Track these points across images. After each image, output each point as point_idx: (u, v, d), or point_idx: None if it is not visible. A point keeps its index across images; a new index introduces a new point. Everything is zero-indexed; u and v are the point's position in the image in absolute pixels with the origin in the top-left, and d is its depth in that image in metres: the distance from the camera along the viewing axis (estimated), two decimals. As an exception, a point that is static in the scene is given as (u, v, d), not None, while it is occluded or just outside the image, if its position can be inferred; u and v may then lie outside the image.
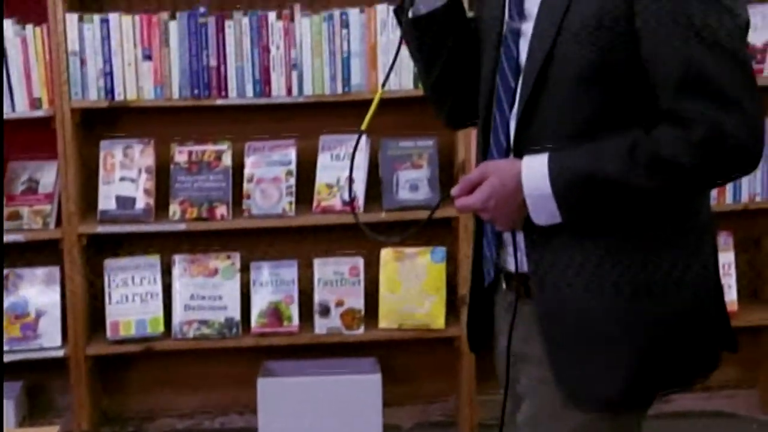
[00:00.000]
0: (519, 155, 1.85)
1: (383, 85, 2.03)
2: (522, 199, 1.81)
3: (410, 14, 1.97)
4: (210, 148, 4.05)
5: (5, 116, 3.84)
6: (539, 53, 1.80)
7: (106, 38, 3.90)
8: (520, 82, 1.84)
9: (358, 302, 4.05)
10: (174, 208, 3.99)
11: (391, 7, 2.05)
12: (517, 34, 1.87)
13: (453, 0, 2.00)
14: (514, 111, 1.86)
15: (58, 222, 3.97)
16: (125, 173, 4.01)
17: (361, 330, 4.04)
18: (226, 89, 3.95)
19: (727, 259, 4.02)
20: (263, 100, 3.96)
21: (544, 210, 1.80)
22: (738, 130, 1.70)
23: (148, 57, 3.92)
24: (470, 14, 2.09)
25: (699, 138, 1.70)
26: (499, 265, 1.98)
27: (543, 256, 1.85)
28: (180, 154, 4.05)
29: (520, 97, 1.84)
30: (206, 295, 4.01)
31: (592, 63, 1.75)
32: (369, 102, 1.96)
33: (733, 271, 4.09)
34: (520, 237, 1.88)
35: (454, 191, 1.88)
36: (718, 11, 1.69)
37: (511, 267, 1.92)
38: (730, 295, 3.98)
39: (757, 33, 4.03)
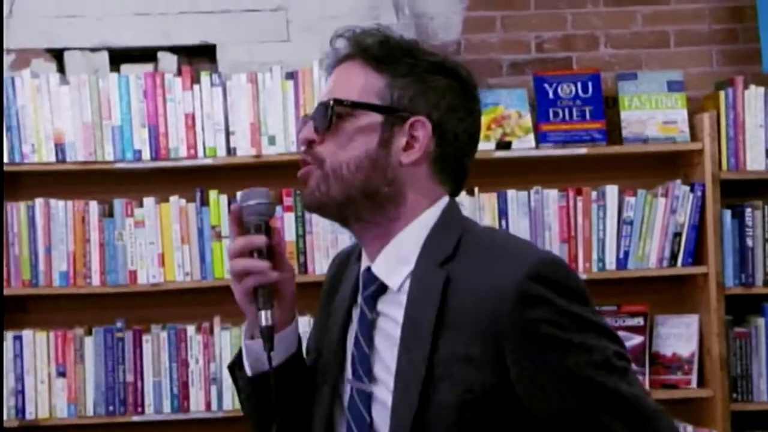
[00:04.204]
0: None
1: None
2: None
3: (249, 371, 1.74)
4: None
5: None
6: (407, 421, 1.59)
7: (18, 356, 3.81)
8: None
9: None
10: None
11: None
12: (368, 397, 1.66)
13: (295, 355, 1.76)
14: None
15: None
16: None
17: None
18: (142, 405, 3.83)
19: None
20: (180, 416, 3.84)
21: None
22: None
23: (62, 374, 3.82)
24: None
25: None
26: None
27: None
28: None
29: None
30: None
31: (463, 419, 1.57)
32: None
33: None
34: None
35: None
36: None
37: None
38: None
39: (682, 342, 4.02)
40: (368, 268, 1.71)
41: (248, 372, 1.74)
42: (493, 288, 1.55)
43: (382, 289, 1.69)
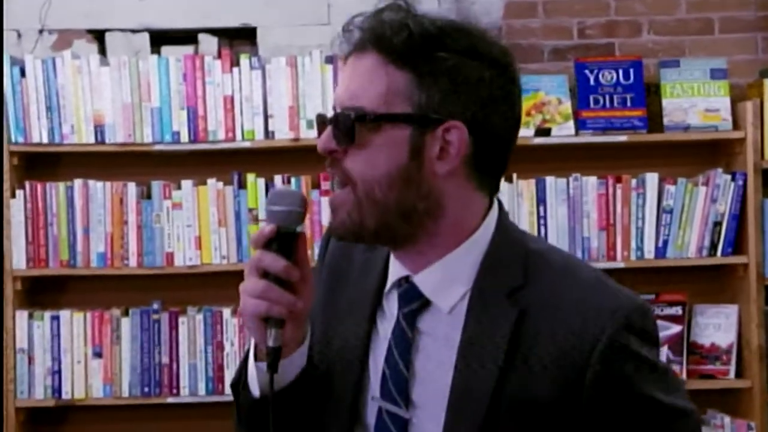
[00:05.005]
0: None
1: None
2: None
3: (256, 392, 1.55)
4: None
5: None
6: None
7: (56, 336, 3.83)
8: None
9: None
10: None
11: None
12: (403, 424, 1.52)
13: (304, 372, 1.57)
14: None
15: None
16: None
17: None
18: (177, 387, 3.85)
19: None
20: (215, 398, 3.85)
21: None
22: None
23: (98, 354, 3.84)
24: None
25: None
26: None
27: None
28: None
29: None
30: None
31: None
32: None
33: None
34: None
35: None
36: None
37: None
38: None
39: (720, 333, 3.98)
40: (406, 278, 1.55)
41: (255, 393, 1.55)
42: (580, 333, 1.45)
43: (425, 305, 1.53)
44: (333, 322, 1.61)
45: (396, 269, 1.56)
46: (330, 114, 1.51)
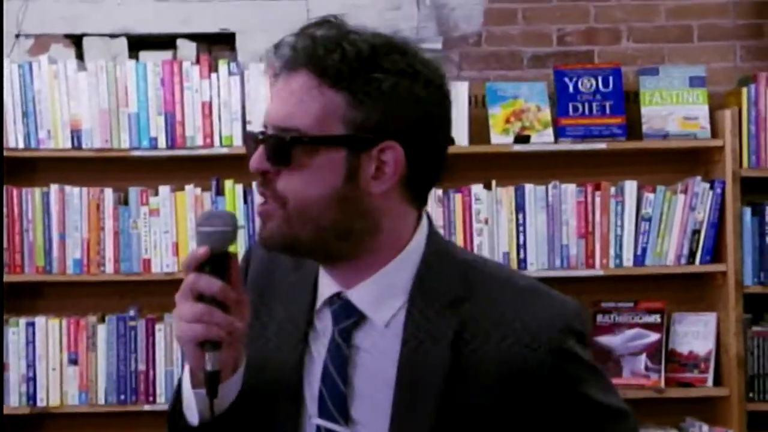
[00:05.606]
0: None
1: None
2: None
3: (195, 420, 1.51)
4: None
5: None
6: None
7: (31, 342, 3.81)
8: None
9: None
10: None
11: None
12: None
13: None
14: None
15: None
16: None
17: None
18: (154, 394, 3.82)
19: None
20: (193, 406, 3.83)
21: None
22: None
23: (74, 361, 3.82)
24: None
25: None
26: None
27: None
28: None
29: None
30: None
31: None
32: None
33: None
34: None
35: None
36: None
37: None
38: None
39: (699, 341, 3.98)
40: (338, 294, 1.53)
41: (193, 421, 1.50)
42: (523, 340, 1.47)
43: (360, 321, 1.52)
44: (265, 344, 1.57)
45: (327, 286, 1.54)
46: (258, 130, 1.49)
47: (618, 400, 1.56)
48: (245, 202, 3.87)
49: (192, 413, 1.50)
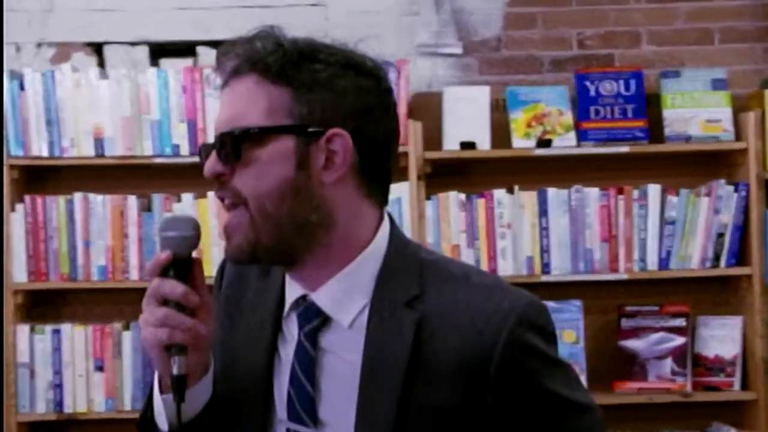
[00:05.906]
0: None
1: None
2: None
3: (164, 427, 1.53)
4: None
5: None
6: None
7: (57, 349, 3.81)
8: None
9: None
10: None
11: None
12: None
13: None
14: None
15: None
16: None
17: None
18: (179, 401, 3.83)
19: None
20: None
21: None
22: None
23: (99, 368, 3.83)
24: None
25: None
26: None
27: None
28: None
29: None
30: None
31: None
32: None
33: None
34: None
35: None
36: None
37: None
38: None
39: (724, 344, 3.96)
40: (303, 297, 1.55)
41: (164, 428, 1.52)
42: (479, 334, 1.47)
43: (325, 322, 1.53)
44: (234, 352, 1.59)
45: (292, 290, 1.56)
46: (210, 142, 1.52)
47: (584, 395, 1.56)
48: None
49: (162, 420, 1.52)
